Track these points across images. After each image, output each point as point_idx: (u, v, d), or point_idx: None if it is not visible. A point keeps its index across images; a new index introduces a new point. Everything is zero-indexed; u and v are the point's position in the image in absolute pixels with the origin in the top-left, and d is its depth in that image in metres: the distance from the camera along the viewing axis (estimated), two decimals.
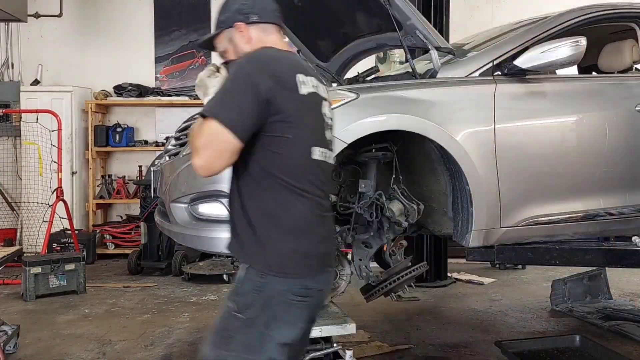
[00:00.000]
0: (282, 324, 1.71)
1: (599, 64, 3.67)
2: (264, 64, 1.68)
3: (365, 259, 3.09)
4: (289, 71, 1.70)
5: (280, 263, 1.70)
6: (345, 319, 2.92)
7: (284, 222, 1.70)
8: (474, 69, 2.97)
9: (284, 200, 1.70)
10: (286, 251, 1.70)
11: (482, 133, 2.83)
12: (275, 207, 1.70)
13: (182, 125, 3.17)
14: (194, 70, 7.45)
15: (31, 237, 6.56)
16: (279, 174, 1.68)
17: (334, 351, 2.82)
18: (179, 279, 5.79)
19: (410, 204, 2.72)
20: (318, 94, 1.77)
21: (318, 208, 1.75)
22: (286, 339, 1.72)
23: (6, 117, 7.05)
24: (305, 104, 1.71)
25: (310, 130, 1.73)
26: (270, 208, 1.70)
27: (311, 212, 1.73)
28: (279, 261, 1.70)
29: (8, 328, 3.66)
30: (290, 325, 1.73)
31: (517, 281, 5.66)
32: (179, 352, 3.74)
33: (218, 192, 2.57)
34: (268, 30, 1.86)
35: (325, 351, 2.81)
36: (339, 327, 2.85)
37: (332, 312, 3.01)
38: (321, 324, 2.84)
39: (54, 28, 7.34)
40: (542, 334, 4.04)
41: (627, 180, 3.20)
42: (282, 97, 1.65)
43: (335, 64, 3.88)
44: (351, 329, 2.87)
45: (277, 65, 1.70)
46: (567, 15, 3.21)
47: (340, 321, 2.89)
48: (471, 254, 2.99)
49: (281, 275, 1.70)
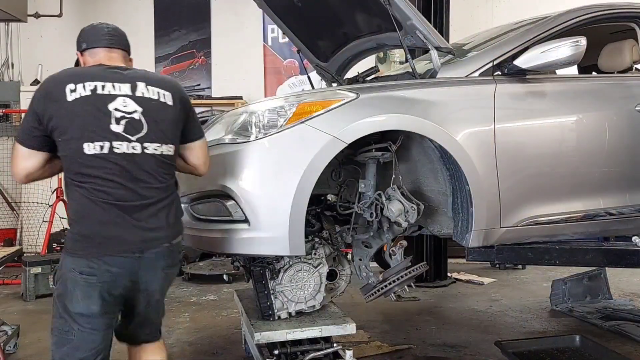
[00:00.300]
0: (73, 297, 2.08)
1: (599, 64, 3.66)
2: (42, 85, 2.13)
3: (365, 259, 3.10)
4: (60, 84, 2.08)
5: (70, 244, 2.11)
6: (345, 318, 2.92)
7: (71, 209, 2.12)
8: (474, 69, 2.97)
9: (70, 192, 2.12)
10: (73, 233, 2.10)
11: (482, 133, 2.82)
12: (68, 198, 2.16)
13: None
14: (194, 70, 7.46)
15: (31, 237, 6.55)
16: (65, 172, 2.11)
17: (334, 351, 2.82)
18: (179, 279, 5.78)
19: (410, 204, 2.72)
20: (101, 94, 2.09)
21: (100, 197, 2.05)
22: (81, 310, 2.09)
23: (6, 117, 7.04)
24: (74, 108, 2.05)
25: (82, 129, 2.05)
26: (68, 199, 2.17)
27: (90, 200, 2.05)
28: (70, 242, 2.12)
29: (8, 328, 3.67)
30: (81, 299, 2.08)
31: (517, 281, 5.66)
32: (179, 352, 3.74)
33: (218, 192, 2.58)
34: (95, 52, 2.26)
35: (325, 351, 2.81)
36: (338, 327, 2.85)
37: (332, 312, 3.01)
38: (321, 324, 2.84)
39: (54, 28, 7.34)
40: (542, 334, 4.04)
41: (627, 180, 3.20)
42: (50, 108, 2.05)
43: (335, 64, 3.88)
44: (351, 329, 2.88)
45: (51, 82, 2.11)
46: (567, 15, 3.21)
47: (340, 321, 2.89)
48: (471, 254, 2.99)
49: (69, 254, 2.10)
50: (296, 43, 3.84)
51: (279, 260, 2.84)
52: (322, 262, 2.91)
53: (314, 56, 3.88)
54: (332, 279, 3.11)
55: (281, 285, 2.86)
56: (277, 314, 2.88)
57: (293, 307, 2.90)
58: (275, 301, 2.87)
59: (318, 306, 2.95)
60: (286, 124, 2.55)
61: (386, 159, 2.79)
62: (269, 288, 2.86)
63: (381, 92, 2.79)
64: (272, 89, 7.40)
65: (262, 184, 2.54)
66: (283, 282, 2.85)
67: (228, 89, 7.25)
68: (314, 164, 2.50)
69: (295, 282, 2.87)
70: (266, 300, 2.86)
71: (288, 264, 2.86)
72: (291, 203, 2.48)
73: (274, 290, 2.86)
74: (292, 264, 2.86)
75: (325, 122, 2.55)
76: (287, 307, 2.90)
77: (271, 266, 2.84)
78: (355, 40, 3.59)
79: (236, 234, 2.58)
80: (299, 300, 2.90)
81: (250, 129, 2.58)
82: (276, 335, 2.78)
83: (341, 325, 2.86)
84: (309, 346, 2.84)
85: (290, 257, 2.83)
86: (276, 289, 2.86)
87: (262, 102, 2.73)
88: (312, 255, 2.89)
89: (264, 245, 2.56)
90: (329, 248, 2.96)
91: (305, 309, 2.92)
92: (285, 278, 2.85)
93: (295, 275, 2.87)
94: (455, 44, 3.73)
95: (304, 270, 2.87)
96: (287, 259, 2.84)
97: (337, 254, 3.07)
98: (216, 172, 2.57)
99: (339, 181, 2.98)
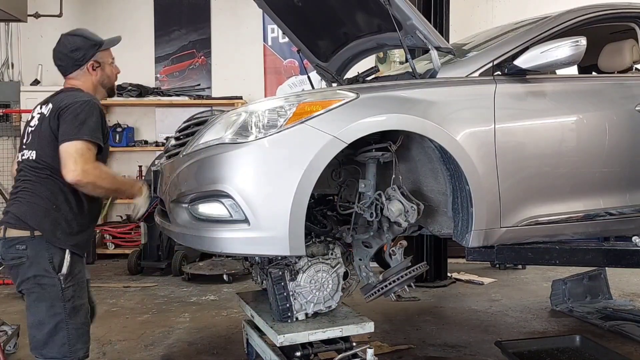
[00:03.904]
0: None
1: (599, 64, 3.66)
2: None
3: (365, 259, 3.09)
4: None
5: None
6: (362, 317, 2.93)
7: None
8: (474, 69, 2.97)
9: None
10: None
11: (482, 133, 2.82)
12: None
13: (182, 125, 3.17)
14: (194, 70, 7.46)
15: None
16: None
17: (359, 350, 2.83)
18: (179, 279, 5.79)
19: (410, 204, 2.72)
20: (36, 113, 2.62)
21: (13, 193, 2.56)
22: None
23: (6, 117, 7.05)
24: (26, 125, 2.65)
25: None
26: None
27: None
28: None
29: (8, 328, 3.67)
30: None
31: (517, 281, 5.66)
32: (179, 352, 3.74)
33: (218, 192, 2.58)
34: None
35: (355, 350, 2.82)
36: (358, 327, 2.86)
37: (347, 312, 3.01)
38: (340, 323, 2.85)
39: (54, 28, 7.32)
40: (542, 334, 4.05)
41: (627, 180, 3.20)
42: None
43: (335, 64, 3.88)
44: (370, 327, 2.88)
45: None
46: (567, 15, 3.21)
47: (358, 320, 2.90)
48: (471, 254, 2.98)
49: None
50: (296, 43, 3.84)
51: (297, 261, 2.84)
52: (339, 262, 2.91)
53: (314, 56, 3.88)
54: (345, 279, 3.11)
55: (300, 286, 2.84)
56: (296, 316, 2.87)
57: (312, 308, 2.88)
58: (294, 302, 2.86)
59: (334, 306, 2.95)
60: (286, 124, 2.55)
61: (386, 159, 2.79)
62: (288, 290, 2.84)
63: (381, 92, 2.79)
64: (272, 89, 7.40)
65: (262, 184, 2.54)
66: (302, 283, 2.84)
67: (228, 89, 7.25)
68: (314, 163, 2.50)
69: (314, 283, 2.86)
70: (285, 302, 2.83)
71: (307, 264, 2.84)
72: (291, 203, 2.47)
73: (293, 292, 2.85)
74: (311, 264, 2.85)
75: (325, 122, 2.55)
76: (306, 309, 2.88)
77: (290, 267, 2.83)
78: (355, 40, 3.59)
79: (236, 234, 2.57)
80: (318, 301, 2.89)
81: (250, 129, 2.58)
82: (299, 337, 2.75)
83: (360, 325, 2.86)
84: (324, 346, 2.84)
85: (309, 258, 2.83)
86: (295, 290, 2.85)
87: (262, 102, 2.72)
88: (330, 255, 2.90)
89: (264, 245, 2.55)
90: (342, 248, 2.97)
91: (323, 309, 2.91)
92: (304, 279, 2.84)
93: (315, 275, 2.86)
94: (455, 44, 3.73)
95: (322, 271, 2.87)
96: (305, 260, 2.83)
97: (348, 254, 3.08)
98: (216, 172, 2.57)
99: (339, 181, 2.97)
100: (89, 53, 2.77)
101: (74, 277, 2.50)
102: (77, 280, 2.52)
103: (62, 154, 2.43)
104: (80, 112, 2.47)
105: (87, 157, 2.43)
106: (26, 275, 2.45)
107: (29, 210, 2.47)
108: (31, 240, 2.43)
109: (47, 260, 2.43)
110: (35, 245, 2.44)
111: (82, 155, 2.42)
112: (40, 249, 2.44)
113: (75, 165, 2.40)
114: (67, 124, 2.45)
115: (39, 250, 2.44)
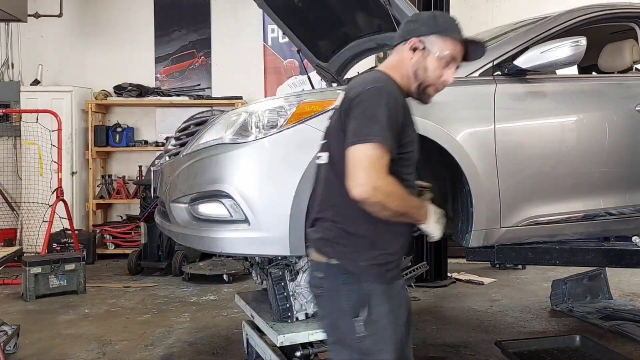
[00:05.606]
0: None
1: (599, 64, 3.66)
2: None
3: None
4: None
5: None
6: None
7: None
8: (474, 69, 2.96)
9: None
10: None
11: (482, 133, 2.82)
12: None
13: (182, 125, 3.17)
14: (194, 70, 7.46)
15: (31, 237, 6.56)
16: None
17: None
18: (179, 279, 5.79)
19: None
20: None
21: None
22: None
23: (6, 117, 7.06)
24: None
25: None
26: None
27: None
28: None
29: (8, 328, 3.67)
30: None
31: (517, 281, 5.66)
32: (179, 352, 3.74)
33: (218, 192, 2.58)
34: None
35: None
36: None
37: None
38: None
39: (54, 28, 7.34)
40: (542, 334, 4.04)
41: (627, 180, 3.20)
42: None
43: (335, 64, 3.88)
44: None
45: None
46: (567, 15, 3.21)
47: None
48: (471, 254, 2.98)
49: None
50: (296, 43, 3.84)
51: (297, 261, 2.83)
52: None
53: (314, 56, 3.88)
54: None
55: (300, 286, 2.84)
56: (296, 316, 2.87)
57: (312, 308, 2.87)
58: (294, 302, 2.85)
59: None
60: (286, 124, 2.55)
61: None
62: (288, 290, 2.83)
63: None
64: (272, 89, 7.40)
65: (262, 184, 2.54)
66: (302, 283, 2.83)
67: (228, 89, 7.26)
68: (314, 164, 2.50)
69: None
70: (286, 302, 2.83)
71: (307, 264, 2.85)
72: (291, 203, 2.47)
73: (293, 292, 2.84)
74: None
75: (325, 122, 2.55)
76: (306, 309, 2.88)
77: (290, 267, 2.83)
78: (355, 40, 3.59)
79: (236, 234, 2.57)
80: None
81: (250, 129, 2.58)
82: (299, 337, 2.74)
83: None
84: (324, 346, 2.82)
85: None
86: (295, 290, 2.84)
87: (262, 102, 2.72)
88: None
89: (264, 245, 2.55)
90: None
91: None
92: (304, 279, 2.83)
93: None
94: None
95: None
96: (305, 260, 2.83)
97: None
98: (216, 172, 2.57)
99: None
100: (421, 29, 1.96)
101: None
102: None
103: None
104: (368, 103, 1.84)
105: (378, 168, 1.76)
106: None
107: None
108: None
109: None
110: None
111: (372, 165, 1.75)
112: None
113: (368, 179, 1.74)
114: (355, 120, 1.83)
115: None
